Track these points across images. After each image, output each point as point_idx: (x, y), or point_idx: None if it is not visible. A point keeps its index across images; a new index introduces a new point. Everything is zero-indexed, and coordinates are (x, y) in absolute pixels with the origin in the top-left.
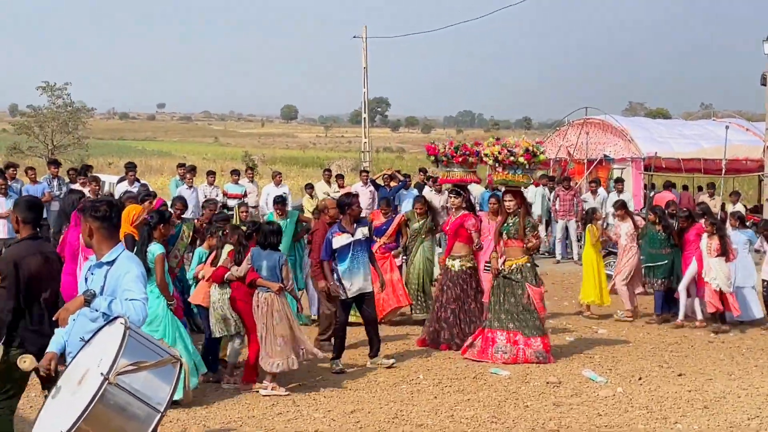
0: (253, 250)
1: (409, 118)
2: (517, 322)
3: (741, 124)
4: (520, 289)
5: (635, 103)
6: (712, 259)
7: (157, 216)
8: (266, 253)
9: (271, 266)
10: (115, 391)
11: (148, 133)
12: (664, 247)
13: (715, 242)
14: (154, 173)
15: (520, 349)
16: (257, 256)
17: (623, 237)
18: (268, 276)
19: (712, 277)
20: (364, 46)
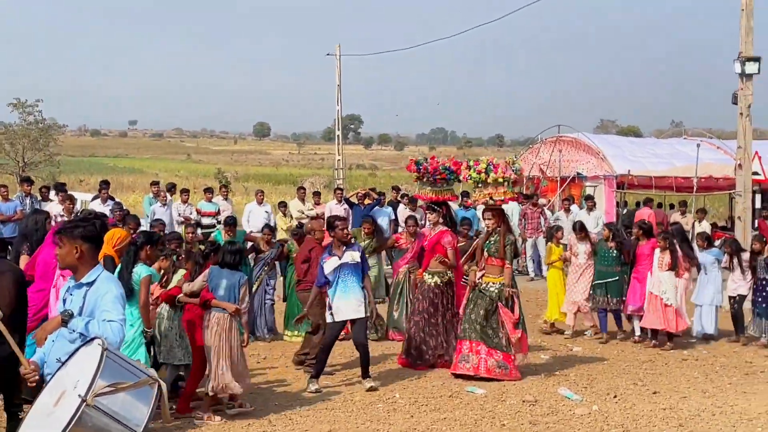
0: (212, 268)
1: (382, 136)
2: (481, 333)
3: (712, 142)
4: (491, 305)
5: (607, 121)
6: (662, 273)
7: (145, 237)
8: (227, 273)
9: (230, 285)
10: (92, 413)
11: (119, 150)
12: (615, 265)
13: (667, 257)
14: (126, 190)
15: (481, 359)
16: (216, 274)
17: (581, 256)
18: (224, 295)
19: (662, 291)
20: (338, 63)
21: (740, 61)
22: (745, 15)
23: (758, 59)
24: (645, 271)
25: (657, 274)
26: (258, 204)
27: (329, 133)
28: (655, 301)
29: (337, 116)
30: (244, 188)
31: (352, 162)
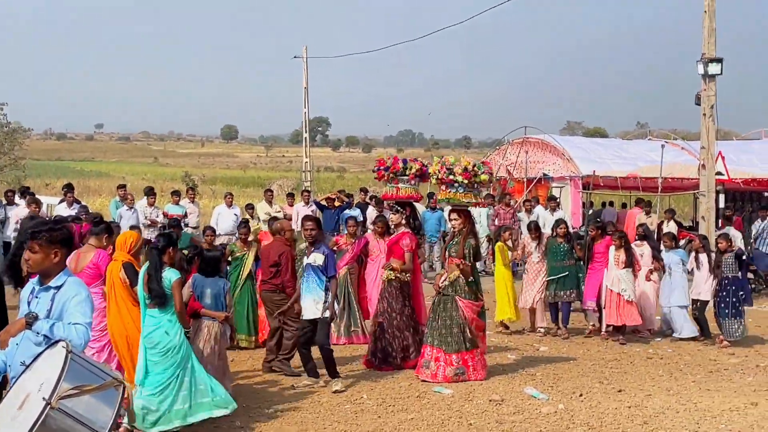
0: (195, 277)
1: (350, 138)
2: (440, 338)
3: (676, 143)
4: (450, 303)
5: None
6: (619, 271)
7: (166, 239)
8: (210, 280)
9: (216, 293)
10: (57, 416)
11: (86, 154)
12: (567, 259)
13: (623, 254)
14: (92, 194)
15: (440, 366)
16: (200, 282)
17: (535, 255)
18: (211, 304)
19: (622, 288)
20: (305, 66)
21: (703, 63)
22: (708, 17)
23: (721, 60)
24: (601, 267)
25: (614, 272)
26: (227, 206)
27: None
28: (612, 297)
29: (305, 119)
30: (211, 191)
31: (320, 164)
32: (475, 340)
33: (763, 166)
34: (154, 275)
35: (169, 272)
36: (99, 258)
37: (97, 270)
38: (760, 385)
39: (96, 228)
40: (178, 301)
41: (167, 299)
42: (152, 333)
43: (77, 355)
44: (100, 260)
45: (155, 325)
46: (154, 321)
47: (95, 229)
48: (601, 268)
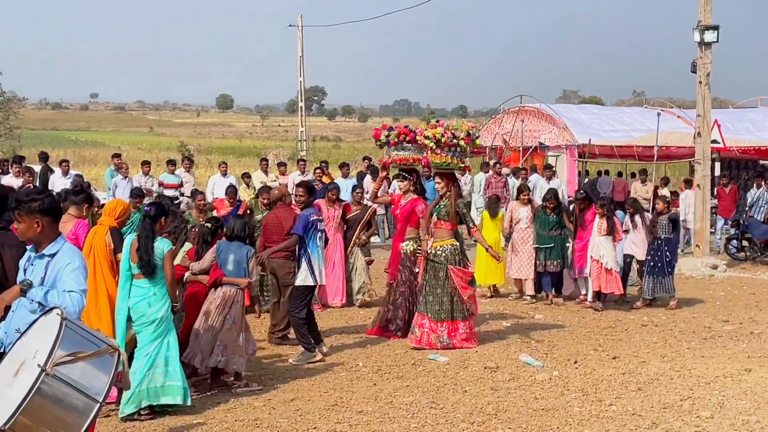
0: (219, 243)
1: (346, 107)
2: (427, 305)
3: (672, 111)
4: (441, 271)
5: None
6: (600, 238)
7: (158, 208)
8: (234, 246)
9: (239, 260)
10: (52, 383)
11: (81, 123)
12: (554, 229)
13: (605, 223)
14: (88, 164)
15: (424, 332)
16: (224, 248)
17: (523, 221)
18: (233, 270)
19: (600, 255)
20: (300, 35)
21: (699, 30)
22: None
23: (717, 28)
24: (587, 236)
25: (596, 239)
26: (222, 176)
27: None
28: (595, 264)
29: (300, 88)
30: (207, 161)
31: (315, 134)
32: (468, 309)
33: (758, 134)
34: (144, 244)
35: (161, 242)
36: (78, 227)
37: (76, 240)
38: (753, 352)
39: (76, 197)
40: (169, 273)
41: (157, 269)
42: (138, 303)
43: (72, 322)
44: (79, 230)
45: (142, 296)
46: (141, 291)
47: (75, 198)
48: (588, 236)
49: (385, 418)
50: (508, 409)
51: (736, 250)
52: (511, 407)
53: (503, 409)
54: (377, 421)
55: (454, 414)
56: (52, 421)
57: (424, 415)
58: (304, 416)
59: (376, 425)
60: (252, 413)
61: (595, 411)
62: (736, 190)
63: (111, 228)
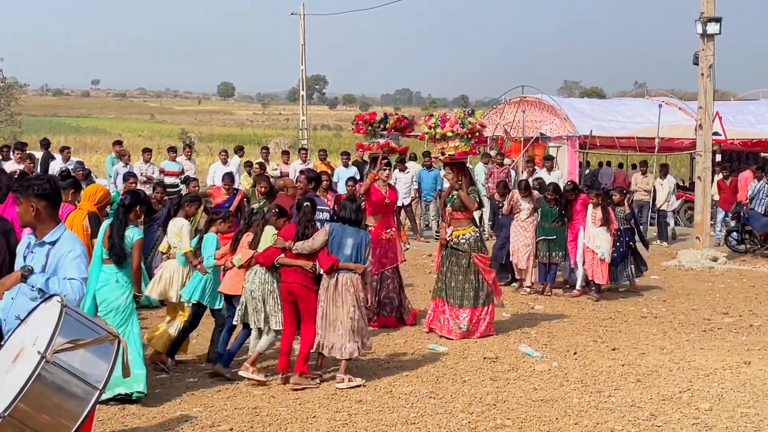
0: (334, 226)
1: (347, 96)
2: (449, 291)
3: (674, 103)
4: (464, 259)
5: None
6: (596, 229)
7: (133, 197)
8: (351, 230)
9: (357, 243)
10: (52, 370)
11: (82, 110)
12: (556, 221)
13: (599, 213)
14: (89, 150)
15: (444, 318)
16: (340, 232)
17: (524, 213)
18: (351, 254)
19: (596, 246)
20: (302, 23)
21: (701, 22)
22: None
23: (719, 20)
24: (577, 225)
25: (591, 229)
26: (222, 164)
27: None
28: (590, 254)
29: (302, 76)
30: (208, 148)
31: (316, 123)
32: (491, 294)
33: (760, 126)
34: (116, 231)
35: (132, 230)
36: (62, 211)
37: None
38: (753, 345)
39: (62, 182)
40: (136, 261)
41: (125, 257)
42: (101, 288)
43: (72, 309)
44: (63, 214)
45: (106, 282)
46: (106, 277)
47: (62, 183)
48: (578, 225)
49: (385, 408)
50: (507, 400)
51: (736, 243)
52: (510, 398)
53: (502, 399)
54: (376, 410)
55: (453, 404)
56: (52, 408)
57: (424, 405)
58: (304, 405)
59: (375, 414)
60: (251, 401)
61: (594, 402)
62: (736, 181)
63: (89, 213)
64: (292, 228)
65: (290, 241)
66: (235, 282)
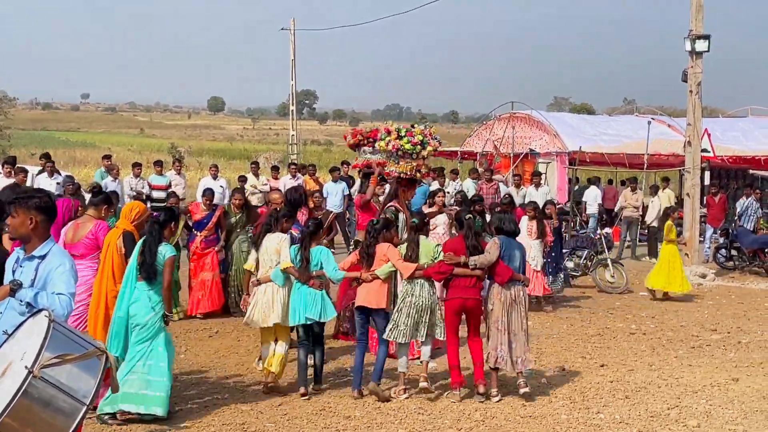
0: (502, 238)
1: (337, 111)
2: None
3: (663, 119)
4: None
5: (560, 98)
6: (532, 241)
7: (168, 214)
8: (515, 243)
9: (522, 255)
10: (39, 385)
11: (72, 124)
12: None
13: (535, 225)
14: (78, 164)
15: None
16: (508, 244)
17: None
18: (519, 266)
19: (531, 257)
20: (292, 38)
21: (690, 39)
22: None
23: (708, 37)
24: None
25: (526, 240)
26: (212, 178)
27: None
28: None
29: (292, 91)
30: (198, 163)
31: (307, 137)
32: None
33: (748, 143)
34: (149, 247)
35: (166, 248)
36: (98, 229)
37: (95, 241)
38: (741, 361)
39: (95, 198)
40: (166, 280)
41: (156, 274)
42: (133, 305)
43: (60, 324)
44: (99, 231)
45: (137, 299)
46: (138, 294)
47: (94, 199)
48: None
49: (373, 424)
50: (496, 416)
51: (725, 259)
52: (498, 414)
53: (491, 415)
54: (365, 426)
55: (442, 420)
56: (39, 423)
57: (412, 421)
58: (292, 420)
59: (363, 430)
60: (239, 417)
61: (583, 419)
62: (726, 199)
63: (124, 232)
64: (457, 242)
65: (463, 256)
66: (377, 295)
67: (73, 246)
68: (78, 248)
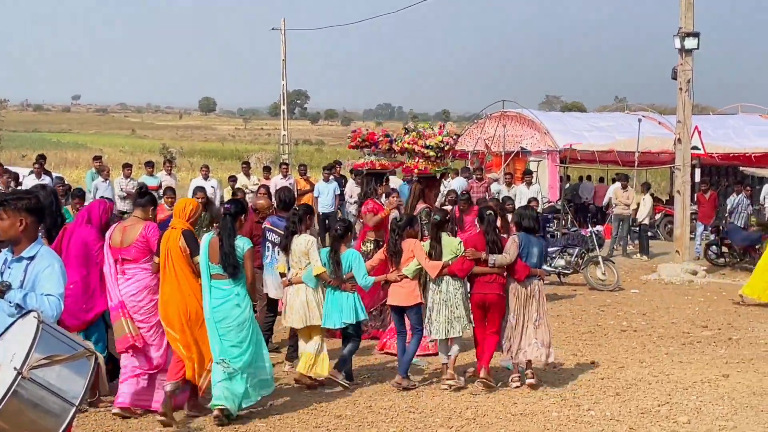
0: (521, 235)
1: (329, 111)
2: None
3: (653, 117)
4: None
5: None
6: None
7: (238, 206)
8: (534, 239)
9: (540, 251)
10: (28, 386)
11: (63, 125)
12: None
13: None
14: (69, 166)
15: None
16: (527, 241)
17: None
18: (537, 263)
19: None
20: (283, 38)
21: (680, 37)
22: None
23: (697, 35)
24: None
25: None
26: (203, 179)
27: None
28: None
29: (283, 91)
30: (189, 163)
31: (298, 137)
32: None
33: (738, 140)
34: (226, 243)
35: (242, 240)
36: (148, 230)
37: (147, 244)
38: (731, 358)
39: (142, 199)
40: (249, 272)
41: (239, 269)
42: (221, 306)
43: (48, 325)
44: (150, 233)
45: (224, 298)
46: (222, 293)
47: (141, 200)
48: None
49: (364, 423)
50: (487, 414)
51: (715, 256)
52: (489, 412)
53: (482, 413)
54: (356, 425)
55: (433, 418)
56: (28, 424)
57: (403, 420)
58: (283, 420)
59: (354, 429)
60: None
61: (574, 416)
62: (716, 196)
63: (184, 231)
64: (477, 238)
65: (484, 252)
66: (408, 292)
67: (123, 250)
68: (129, 252)
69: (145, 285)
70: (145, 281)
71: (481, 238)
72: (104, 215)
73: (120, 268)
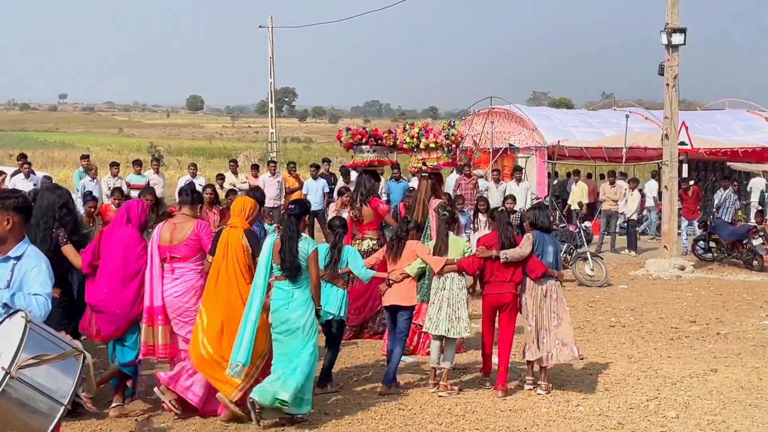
0: (536, 233)
1: (317, 108)
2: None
3: (641, 113)
4: None
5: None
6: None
7: (301, 206)
8: (549, 238)
9: (556, 251)
10: (17, 386)
11: (50, 125)
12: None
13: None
14: (56, 165)
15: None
16: (541, 240)
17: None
18: (553, 262)
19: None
20: (270, 36)
21: (666, 32)
22: None
23: (684, 30)
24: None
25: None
26: (191, 177)
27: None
28: None
29: (270, 89)
30: (177, 162)
31: (286, 135)
32: None
33: (726, 135)
34: (289, 244)
35: (306, 242)
36: (200, 229)
37: (199, 242)
38: (720, 353)
39: (188, 197)
40: (314, 274)
41: (301, 271)
42: (280, 308)
43: (36, 324)
44: (203, 231)
45: (284, 300)
46: (281, 294)
47: (187, 198)
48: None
49: (354, 420)
50: (476, 410)
51: (703, 251)
52: (478, 408)
53: (471, 410)
54: (345, 423)
55: (422, 415)
56: (17, 424)
57: (393, 417)
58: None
59: (344, 427)
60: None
61: (562, 411)
62: (698, 191)
63: (246, 231)
64: (490, 237)
65: (495, 250)
66: (405, 292)
67: (173, 248)
68: (179, 250)
69: (192, 286)
70: (192, 281)
71: (495, 236)
72: (143, 215)
73: (168, 266)
